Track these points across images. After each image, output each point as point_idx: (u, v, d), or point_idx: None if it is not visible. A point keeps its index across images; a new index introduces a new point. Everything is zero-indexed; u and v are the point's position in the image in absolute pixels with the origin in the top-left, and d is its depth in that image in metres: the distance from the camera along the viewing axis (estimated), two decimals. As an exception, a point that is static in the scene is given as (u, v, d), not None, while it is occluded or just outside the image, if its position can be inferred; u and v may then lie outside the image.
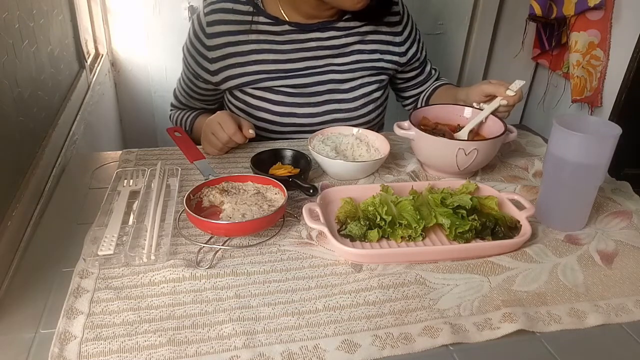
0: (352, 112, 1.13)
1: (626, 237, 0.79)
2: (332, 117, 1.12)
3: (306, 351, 0.57)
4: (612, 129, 0.74)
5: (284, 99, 1.08)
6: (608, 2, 1.71)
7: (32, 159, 0.87)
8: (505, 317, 0.62)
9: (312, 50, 1.08)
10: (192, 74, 1.12)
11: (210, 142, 0.97)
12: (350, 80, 1.12)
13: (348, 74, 1.11)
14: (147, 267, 0.68)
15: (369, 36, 1.12)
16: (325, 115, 1.11)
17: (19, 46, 0.86)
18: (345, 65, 1.11)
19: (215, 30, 1.04)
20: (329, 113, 1.11)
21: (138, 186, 0.86)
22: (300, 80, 1.08)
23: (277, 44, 1.07)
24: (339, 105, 1.12)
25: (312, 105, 1.10)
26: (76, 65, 1.33)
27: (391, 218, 0.74)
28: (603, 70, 1.77)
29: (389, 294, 0.65)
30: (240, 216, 0.74)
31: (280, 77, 1.07)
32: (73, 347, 0.56)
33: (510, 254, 0.73)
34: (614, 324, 0.63)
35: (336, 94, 1.11)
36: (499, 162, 1.01)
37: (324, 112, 1.11)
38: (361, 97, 1.13)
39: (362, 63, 1.12)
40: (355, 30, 1.11)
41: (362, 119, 1.14)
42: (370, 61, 1.13)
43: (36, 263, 0.70)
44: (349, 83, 1.12)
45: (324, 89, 1.10)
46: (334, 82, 1.11)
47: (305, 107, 1.09)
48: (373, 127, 1.17)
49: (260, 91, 1.08)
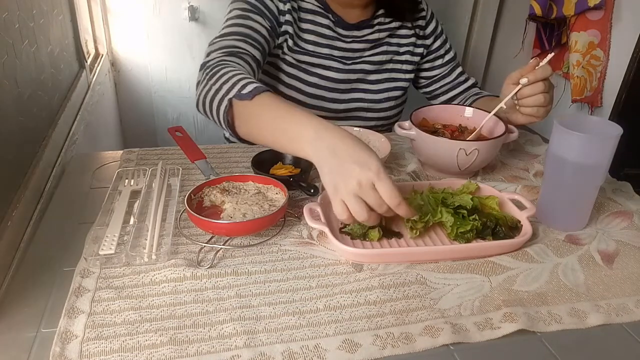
0: (375, 103, 1.18)
1: (627, 237, 0.79)
2: (356, 105, 1.17)
3: (307, 351, 0.57)
4: (613, 129, 0.74)
5: (316, 81, 1.12)
6: (608, 2, 1.71)
7: (32, 159, 0.87)
8: (506, 317, 0.62)
9: (349, 43, 1.12)
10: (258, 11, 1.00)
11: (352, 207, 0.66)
12: (377, 72, 1.17)
13: (377, 65, 1.16)
14: (148, 267, 0.68)
15: (397, 31, 1.17)
16: (350, 103, 1.16)
17: (19, 46, 0.86)
18: (376, 56, 1.15)
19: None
20: (354, 101, 1.16)
21: (139, 186, 0.86)
22: (334, 64, 1.12)
23: (320, 26, 1.10)
24: (364, 95, 1.17)
25: (340, 92, 1.14)
26: (76, 65, 1.33)
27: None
28: (603, 70, 1.77)
29: (389, 294, 0.65)
30: (241, 216, 0.74)
31: (316, 56, 1.10)
32: (74, 346, 0.56)
33: (511, 254, 0.73)
34: (614, 324, 0.63)
35: (363, 84, 1.16)
36: (499, 162, 1.01)
37: (350, 100, 1.16)
38: (385, 91, 1.18)
39: (390, 55, 1.17)
40: (386, 27, 1.15)
41: (382, 112, 1.19)
42: (397, 54, 1.18)
43: (37, 262, 0.70)
44: (375, 75, 1.17)
45: (353, 78, 1.14)
46: (363, 73, 1.15)
47: (333, 93, 1.14)
48: (391, 124, 1.22)
49: (294, 69, 1.11)
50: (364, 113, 1.18)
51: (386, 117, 1.21)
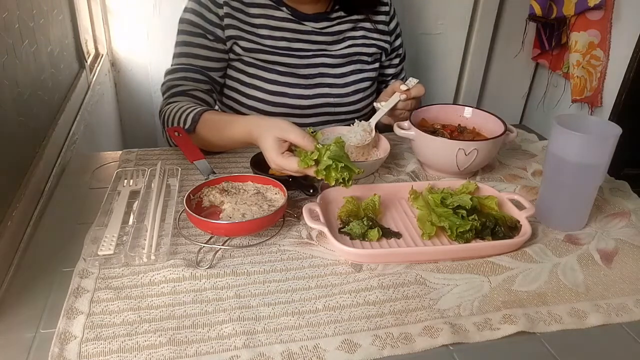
0: (343, 97, 1.15)
1: (625, 235, 0.79)
2: (322, 100, 1.13)
3: (306, 351, 0.57)
4: (612, 129, 0.74)
5: (276, 77, 1.10)
6: (608, 2, 1.71)
7: (32, 159, 0.87)
8: (505, 318, 0.62)
9: (307, 34, 1.11)
10: (200, 33, 1.06)
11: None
12: (342, 65, 1.14)
13: (340, 59, 1.14)
14: (147, 267, 0.68)
15: (360, 24, 1.15)
16: (315, 99, 1.13)
17: (19, 46, 0.86)
18: (338, 51, 1.14)
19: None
20: (320, 97, 1.13)
21: (138, 186, 0.86)
22: (292, 60, 1.10)
23: (274, 19, 1.09)
24: (329, 90, 1.14)
25: (303, 87, 1.11)
26: (76, 65, 1.33)
27: None
28: (603, 70, 1.77)
29: (389, 294, 0.65)
30: (240, 216, 0.74)
31: (273, 53, 1.09)
32: (73, 347, 0.56)
33: (510, 254, 0.73)
34: (614, 324, 0.63)
35: (328, 78, 1.14)
36: (497, 162, 1.01)
37: (315, 95, 1.12)
38: (352, 84, 1.15)
39: (355, 48, 1.15)
40: (348, 19, 1.14)
41: (352, 106, 1.16)
42: (362, 46, 1.15)
43: (36, 263, 0.70)
44: (341, 69, 1.14)
45: (315, 72, 1.12)
46: (325, 67, 1.13)
47: (296, 88, 1.11)
48: (363, 117, 1.18)
49: (253, 68, 1.09)
50: (332, 108, 1.15)
51: (356, 111, 1.17)
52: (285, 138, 0.80)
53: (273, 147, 0.80)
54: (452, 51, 1.93)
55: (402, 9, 1.69)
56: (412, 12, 1.76)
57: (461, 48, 1.94)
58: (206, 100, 1.07)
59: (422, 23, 1.80)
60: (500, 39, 2.00)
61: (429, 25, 1.83)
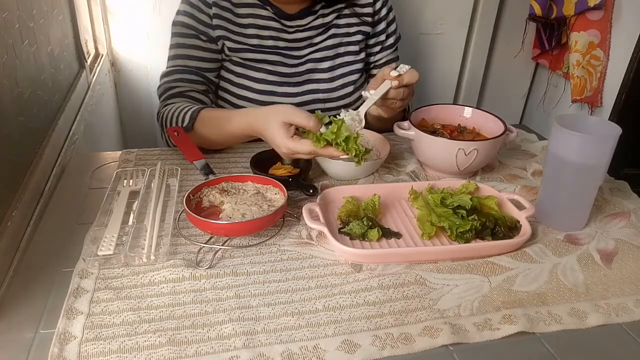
0: (331, 92, 1.14)
1: (625, 235, 0.79)
2: (311, 97, 1.13)
3: (306, 351, 0.57)
4: (612, 129, 0.74)
5: (264, 76, 1.10)
6: (608, 2, 1.71)
7: (32, 159, 0.87)
8: (505, 318, 0.62)
9: (293, 33, 1.11)
10: (193, 35, 1.07)
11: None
12: (329, 59, 1.14)
13: (326, 51, 1.13)
14: (147, 267, 0.68)
15: (344, 11, 1.15)
16: (304, 96, 1.13)
17: (19, 46, 0.86)
18: (323, 42, 1.13)
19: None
20: (308, 93, 1.13)
21: (138, 186, 0.86)
22: (280, 58, 1.10)
23: (262, 19, 1.09)
24: (317, 85, 1.13)
25: (292, 85, 1.12)
26: (76, 65, 1.32)
27: None
28: (603, 70, 1.77)
29: (389, 294, 0.65)
30: (240, 216, 0.74)
31: (260, 52, 1.09)
32: (73, 347, 0.56)
33: (510, 254, 0.73)
34: (614, 324, 0.63)
35: (315, 73, 1.13)
36: (497, 162, 1.01)
37: (304, 92, 1.12)
38: (339, 78, 1.14)
39: (340, 37, 1.14)
40: (331, 9, 1.13)
41: (341, 101, 1.16)
42: (347, 35, 1.15)
43: (36, 263, 0.70)
44: (327, 62, 1.14)
45: (303, 69, 1.12)
46: (313, 62, 1.13)
47: (284, 87, 1.11)
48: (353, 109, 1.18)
49: (241, 68, 1.10)
50: (322, 104, 1.14)
51: (346, 105, 1.15)
52: (291, 121, 0.80)
53: (281, 132, 0.80)
54: (452, 51, 1.93)
55: (402, 9, 1.69)
56: (412, 12, 1.76)
57: (461, 48, 1.94)
58: (203, 100, 1.07)
59: (422, 23, 1.81)
60: (500, 39, 2.00)
61: (429, 25, 1.83)
